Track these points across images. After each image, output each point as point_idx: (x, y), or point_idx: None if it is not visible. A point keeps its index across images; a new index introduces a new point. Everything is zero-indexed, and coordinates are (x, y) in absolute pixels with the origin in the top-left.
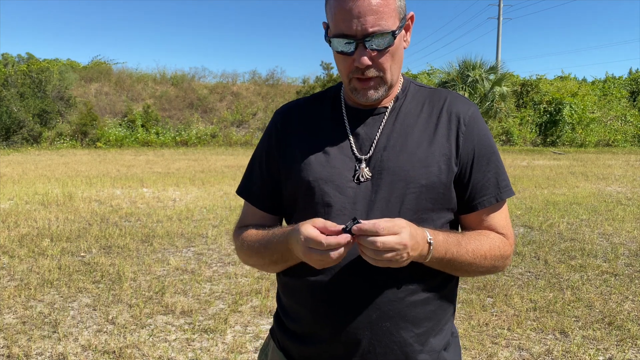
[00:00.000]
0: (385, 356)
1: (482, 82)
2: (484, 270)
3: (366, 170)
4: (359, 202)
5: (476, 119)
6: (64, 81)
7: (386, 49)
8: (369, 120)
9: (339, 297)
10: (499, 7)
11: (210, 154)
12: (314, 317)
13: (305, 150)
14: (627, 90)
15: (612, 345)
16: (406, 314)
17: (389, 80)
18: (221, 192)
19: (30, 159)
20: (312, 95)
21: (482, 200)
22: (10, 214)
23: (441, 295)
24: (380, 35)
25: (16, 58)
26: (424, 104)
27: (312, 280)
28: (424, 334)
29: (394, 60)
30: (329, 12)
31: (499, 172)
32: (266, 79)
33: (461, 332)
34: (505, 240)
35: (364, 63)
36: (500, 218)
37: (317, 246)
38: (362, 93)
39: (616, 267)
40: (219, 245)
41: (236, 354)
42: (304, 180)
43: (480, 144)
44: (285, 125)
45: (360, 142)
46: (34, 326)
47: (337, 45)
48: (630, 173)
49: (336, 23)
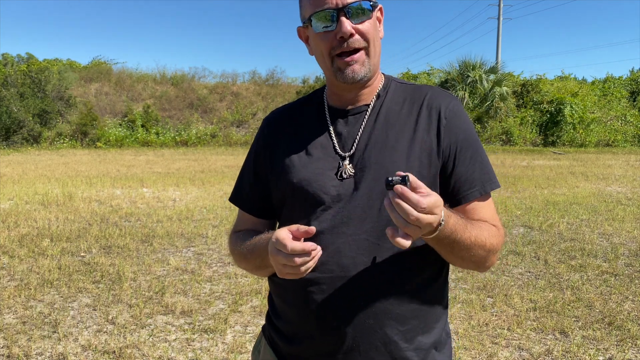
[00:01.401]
0: (368, 353)
1: (482, 82)
2: (477, 259)
3: (349, 167)
4: (342, 198)
5: (457, 112)
6: (64, 81)
7: (366, 20)
8: (351, 118)
9: (322, 295)
10: (499, 7)
11: (210, 154)
12: (300, 316)
13: (290, 154)
14: (627, 90)
15: (612, 345)
16: (390, 311)
17: (372, 53)
18: (221, 192)
19: (30, 159)
20: (297, 99)
21: (466, 193)
22: (10, 214)
23: (428, 292)
24: (359, 7)
25: (16, 58)
26: (405, 100)
27: (298, 280)
28: (410, 331)
29: (375, 36)
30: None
31: (483, 164)
32: (266, 79)
33: (461, 332)
34: (497, 230)
35: (348, 30)
36: (487, 210)
37: (282, 248)
38: (347, 70)
39: (616, 267)
40: (219, 245)
41: (236, 354)
42: (289, 183)
43: (462, 137)
44: (272, 131)
45: (343, 141)
46: (34, 326)
47: (318, 24)
48: (630, 173)
49: (314, 2)
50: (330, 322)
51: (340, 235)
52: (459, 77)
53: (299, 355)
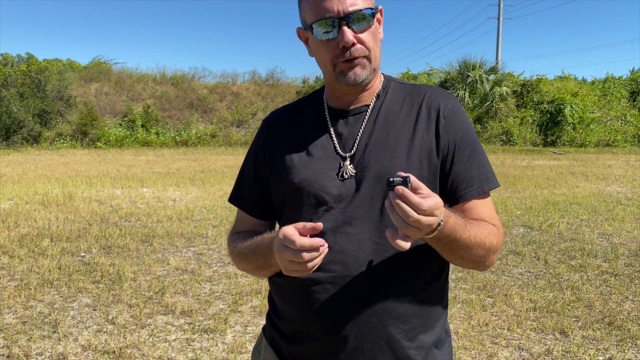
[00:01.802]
0: (372, 352)
1: (481, 82)
2: (477, 258)
3: (350, 167)
4: (344, 198)
5: (456, 111)
6: (64, 81)
7: (367, 28)
8: (351, 119)
9: (325, 295)
10: (499, 7)
11: (210, 154)
12: (303, 316)
13: (290, 154)
14: (627, 90)
15: (612, 345)
16: (393, 310)
17: (373, 59)
18: (221, 192)
19: (30, 159)
20: (297, 100)
21: (464, 192)
22: (10, 214)
23: (430, 291)
24: (361, 15)
25: (16, 58)
26: (404, 100)
27: (300, 280)
28: (413, 329)
29: (376, 43)
30: (304, 8)
31: (482, 163)
32: (266, 79)
33: (461, 332)
34: (496, 229)
35: (350, 40)
36: (485, 209)
37: (290, 244)
38: (349, 73)
39: (616, 267)
40: (219, 245)
41: (236, 354)
42: (290, 183)
43: (460, 136)
44: (271, 132)
45: (343, 141)
46: (34, 326)
47: (319, 32)
48: (630, 173)
49: (315, 9)
50: (334, 322)
51: (343, 235)
52: (459, 77)
53: (300, 355)
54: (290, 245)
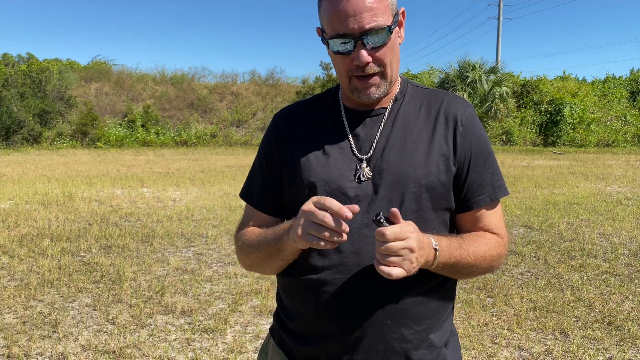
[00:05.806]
0: (385, 353)
1: (481, 82)
2: (482, 271)
3: (367, 170)
4: (361, 201)
5: (473, 120)
6: (64, 81)
7: (384, 45)
8: (368, 121)
9: (341, 295)
10: (499, 7)
11: (210, 154)
12: (316, 316)
13: (305, 152)
14: (627, 90)
15: (612, 345)
16: (408, 311)
17: (389, 75)
18: (221, 192)
19: (30, 159)
20: (310, 97)
21: (477, 199)
22: (10, 214)
23: (442, 292)
24: (377, 32)
25: (16, 58)
26: (421, 105)
27: (314, 280)
28: (424, 331)
29: (393, 55)
30: (323, 15)
31: (495, 172)
32: (266, 79)
33: (461, 332)
34: (500, 240)
35: (364, 60)
36: (494, 217)
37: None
38: (363, 92)
39: (616, 267)
40: (219, 245)
41: (236, 354)
42: (306, 182)
43: (476, 145)
44: (285, 128)
45: (360, 143)
46: (34, 326)
47: (335, 46)
48: (630, 173)
49: (332, 24)
50: (349, 323)
51: (361, 237)
52: (459, 77)
53: (312, 356)
54: (320, 201)
